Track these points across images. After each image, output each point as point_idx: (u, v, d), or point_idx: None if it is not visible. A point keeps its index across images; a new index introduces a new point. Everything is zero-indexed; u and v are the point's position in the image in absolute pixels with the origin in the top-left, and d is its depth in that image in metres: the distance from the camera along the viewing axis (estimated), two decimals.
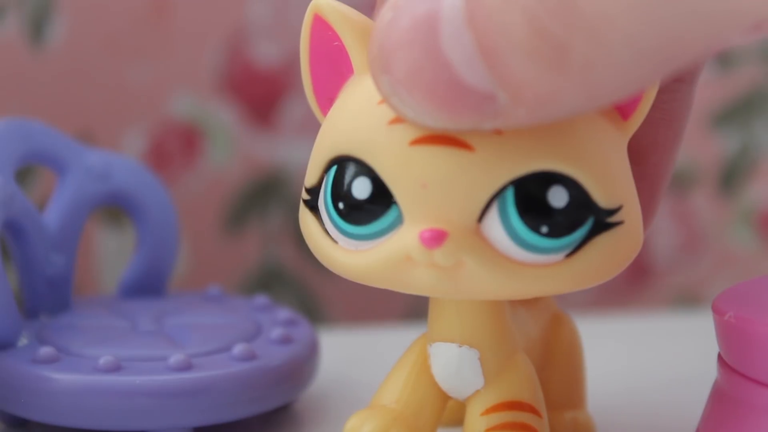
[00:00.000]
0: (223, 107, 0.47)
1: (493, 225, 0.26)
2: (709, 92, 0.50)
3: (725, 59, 0.50)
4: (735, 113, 0.51)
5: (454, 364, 0.29)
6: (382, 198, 0.26)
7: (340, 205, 0.27)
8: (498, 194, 0.26)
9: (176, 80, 0.47)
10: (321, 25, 0.28)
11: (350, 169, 0.27)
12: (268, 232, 0.48)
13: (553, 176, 0.26)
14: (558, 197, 0.26)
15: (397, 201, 0.26)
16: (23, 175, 0.43)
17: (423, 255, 0.26)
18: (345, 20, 0.28)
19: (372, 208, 0.26)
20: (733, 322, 0.28)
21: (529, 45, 0.23)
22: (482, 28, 0.23)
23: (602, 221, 0.26)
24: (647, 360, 0.41)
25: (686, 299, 0.51)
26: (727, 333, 0.29)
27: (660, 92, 0.29)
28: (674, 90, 0.30)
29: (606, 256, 0.26)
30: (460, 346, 0.29)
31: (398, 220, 0.26)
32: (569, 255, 0.26)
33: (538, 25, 0.23)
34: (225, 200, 0.48)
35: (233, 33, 0.47)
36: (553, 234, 0.26)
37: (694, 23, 0.22)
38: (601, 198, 0.26)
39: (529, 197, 0.26)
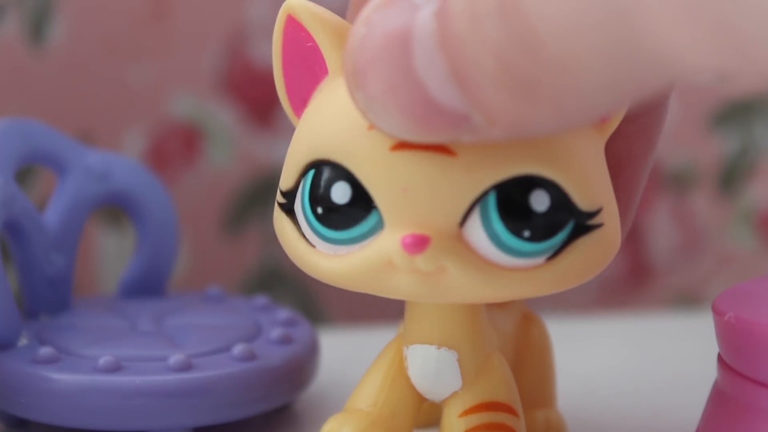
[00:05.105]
0: (223, 107, 0.47)
1: (475, 229, 0.26)
2: (709, 92, 0.50)
3: None
4: (735, 113, 0.51)
5: (433, 367, 0.29)
6: (362, 203, 0.26)
7: (319, 210, 0.27)
8: (480, 199, 0.25)
9: (176, 80, 0.47)
10: (294, 26, 0.28)
11: (329, 174, 0.26)
12: (268, 232, 0.48)
13: (535, 180, 0.26)
14: (540, 201, 0.26)
15: (378, 206, 0.26)
16: (23, 175, 0.43)
17: (405, 261, 0.25)
18: (318, 21, 0.27)
19: (352, 212, 0.26)
20: (733, 323, 0.28)
21: (497, 75, 0.23)
22: (453, 54, 0.23)
23: (582, 224, 0.26)
24: (647, 360, 0.41)
25: (686, 299, 0.51)
26: (727, 333, 0.29)
27: (635, 106, 0.29)
28: (648, 103, 0.30)
29: (586, 259, 0.26)
30: (439, 348, 0.28)
31: (379, 225, 0.26)
32: (550, 258, 0.26)
33: (505, 58, 0.23)
34: (225, 200, 0.48)
35: (233, 33, 0.47)
36: (535, 238, 0.26)
37: (653, 66, 0.22)
38: (581, 201, 0.26)
39: (512, 201, 0.25)
